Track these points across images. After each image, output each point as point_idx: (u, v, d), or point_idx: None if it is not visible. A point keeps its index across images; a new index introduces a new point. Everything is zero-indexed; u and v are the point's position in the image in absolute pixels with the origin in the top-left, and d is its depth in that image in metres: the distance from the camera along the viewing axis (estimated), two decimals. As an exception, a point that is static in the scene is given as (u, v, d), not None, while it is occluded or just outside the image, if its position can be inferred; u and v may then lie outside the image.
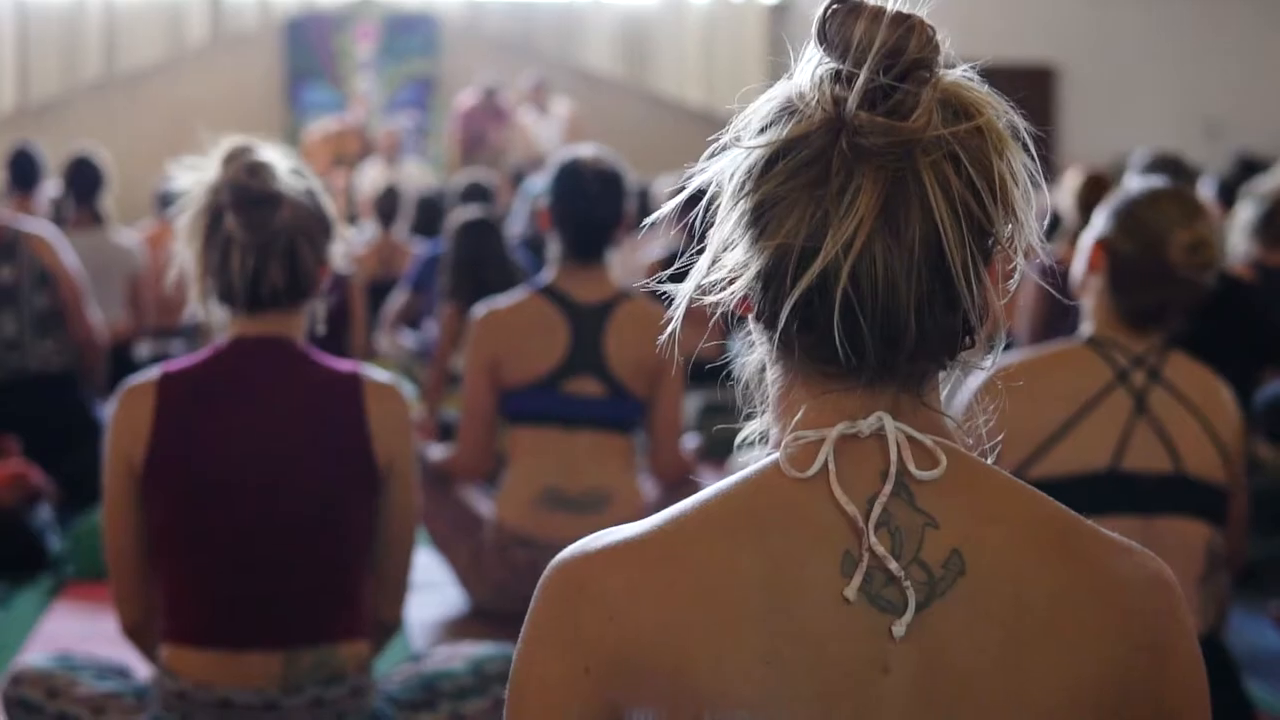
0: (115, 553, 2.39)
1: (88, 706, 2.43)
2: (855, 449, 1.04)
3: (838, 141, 1.02)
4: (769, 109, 1.06)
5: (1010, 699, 1.01)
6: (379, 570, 2.47)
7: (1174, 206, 2.50)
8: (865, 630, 1.01)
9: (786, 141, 1.03)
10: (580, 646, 1.04)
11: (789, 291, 1.03)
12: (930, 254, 1.01)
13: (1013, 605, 1.02)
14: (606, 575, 1.04)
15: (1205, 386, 2.54)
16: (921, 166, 1.01)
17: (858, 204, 1.00)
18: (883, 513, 1.02)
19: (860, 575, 1.01)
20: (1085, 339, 2.55)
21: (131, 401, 2.35)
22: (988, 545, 1.03)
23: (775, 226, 1.03)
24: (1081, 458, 2.45)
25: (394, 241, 7.78)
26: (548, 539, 3.58)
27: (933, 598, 1.01)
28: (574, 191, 3.58)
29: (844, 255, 1.00)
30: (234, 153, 2.35)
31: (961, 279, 1.02)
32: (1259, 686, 3.15)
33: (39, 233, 4.79)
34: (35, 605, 3.82)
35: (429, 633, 3.61)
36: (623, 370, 3.60)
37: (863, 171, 1.01)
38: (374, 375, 2.44)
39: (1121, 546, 1.07)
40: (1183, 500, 2.47)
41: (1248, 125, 12.62)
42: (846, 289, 1.01)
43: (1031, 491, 1.08)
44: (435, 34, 12.78)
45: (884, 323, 1.02)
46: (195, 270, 2.36)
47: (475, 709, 2.57)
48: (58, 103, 12.22)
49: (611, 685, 1.03)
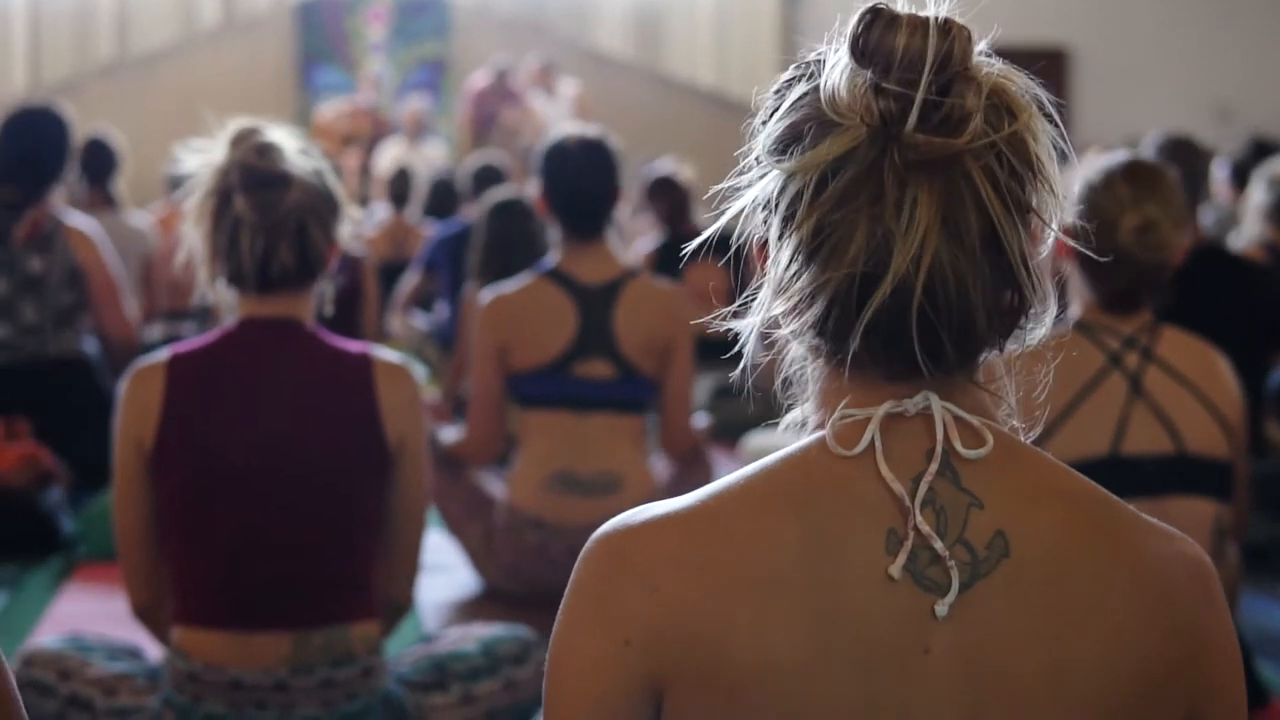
0: (125, 533, 2.40)
1: (99, 688, 2.44)
2: (901, 427, 1.04)
3: (887, 155, 1.01)
4: (799, 118, 1.04)
5: (1050, 681, 1.01)
6: (390, 550, 2.47)
7: (1127, 187, 2.45)
8: (908, 609, 1.01)
9: (834, 161, 1.02)
10: (622, 618, 1.03)
11: (859, 313, 1.02)
12: (990, 250, 1.02)
13: (1054, 588, 1.02)
14: (650, 547, 1.04)
15: (1200, 360, 2.52)
16: (972, 170, 1.01)
17: (918, 216, 1.00)
18: (928, 492, 1.02)
19: (905, 554, 1.01)
20: (1072, 324, 2.54)
21: (141, 382, 2.35)
22: (1031, 527, 1.03)
23: (840, 251, 1.02)
24: (1081, 444, 2.43)
25: (406, 223, 7.78)
26: (559, 521, 3.58)
27: (976, 579, 1.01)
28: (562, 170, 3.59)
29: (914, 270, 1.00)
30: (242, 134, 2.35)
31: (1020, 265, 1.03)
32: (1271, 668, 3.14)
33: (79, 227, 4.75)
34: (47, 587, 3.83)
35: (440, 614, 3.62)
36: (633, 350, 3.60)
37: (917, 182, 1.00)
38: (384, 355, 2.44)
39: (1161, 531, 1.08)
40: (1187, 480, 2.47)
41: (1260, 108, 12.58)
42: (923, 303, 1.01)
43: (1073, 474, 1.08)
44: (446, 16, 12.77)
45: (959, 325, 1.03)
46: (204, 252, 2.36)
47: (486, 690, 2.58)
48: (69, 85, 12.22)
49: (652, 658, 1.03)
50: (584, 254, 3.63)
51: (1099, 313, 2.52)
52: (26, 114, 4.82)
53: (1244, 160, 6.03)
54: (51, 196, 4.74)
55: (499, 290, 3.70)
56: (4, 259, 4.59)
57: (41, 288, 4.63)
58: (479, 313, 3.70)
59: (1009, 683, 1.01)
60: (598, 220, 3.63)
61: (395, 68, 12.70)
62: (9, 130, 4.72)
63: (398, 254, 7.53)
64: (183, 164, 2.36)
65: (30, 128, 4.73)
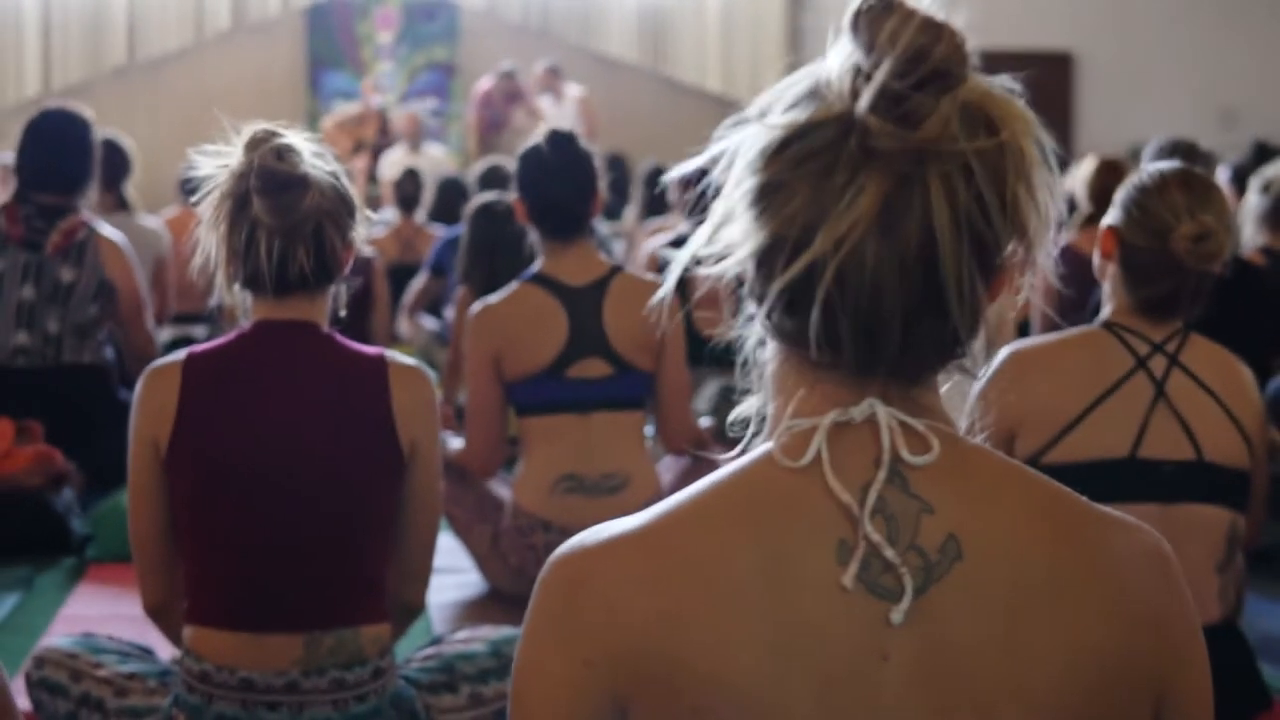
0: (138, 534, 2.41)
1: (111, 688, 2.45)
2: (848, 436, 1.04)
3: (849, 136, 1.00)
4: (797, 90, 1.05)
5: (1010, 681, 1.01)
6: (402, 553, 2.48)
7: (1181, 195, 2.46)
8: (863, 618, 1.01)
9: (802, 126, 1.01)
10: (581, 639, 1.04)
11: (777, 276, 1.02)
12: (925, 263, 0.99)
13: (1010, 587, 1.02)
14: (605, 568, 1.05)
15: (1224, 369, 2.53)
16: (931, 176, 0.99)
17: (858, 203, 0.98)
18: (878, 500, 1.02)
19: (857, 563, 1.01)
20: (1103, 324, 2.55)
21: (156, 383, 2.36)
22: (983, 529, 1.03)
23: (775, 210, 1.02)
24: (1101, 444, 2.45)
25: (415, 226, 7.77)
26: (566, 523, 3.59)
27: (930, 583, 1.01)
28: (537, 172, 3.59)
29: (833, 252, 0.99)
30: (259, 137, 2.34)
31: (954, 292, 1.00)
32: (1275, 670, 3.15)
33: (112, 238, 4.71)
34: (59, 587, 3.84)
35: (449, 616, 3.63)
36: (625, 346, 3.60)
37: (868, 172, 0.99)
38: (399, 359, 2.44)
39: (1117, 522, 1.07)
40: (1204, 487, 2.48)
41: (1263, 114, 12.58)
42: (830, 286, 1.00)
43: (1025, 471, 1.08)
44: (455, 20, 12.79)
45: (865, 324, 1.01)
46: (221, 255, 2.36)
47: (496, 691, 2.59)
48: (81, 89, 12.24)
49: (612, 677, 1.03)
50: (566, 256, 3.63)
51: (1132, 316, 2.52)
52: (49, 118, 4.77)
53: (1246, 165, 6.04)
54: (83, 201, 4.71)
55: (486, 301, 3.68)
56: (34, 266, 4.57)
57: (69, 298, 4.60)
58: (469, 324, 3.68)
59: (971, 685, 1.01)
60: (576, 221, 3.62)
61: (404, 72, 12.72)
62: (35, 136, 4.67)
63: (407, 257, 7.53)
64: (198, 167, 2.35)
65: (56, 131, 4.68)
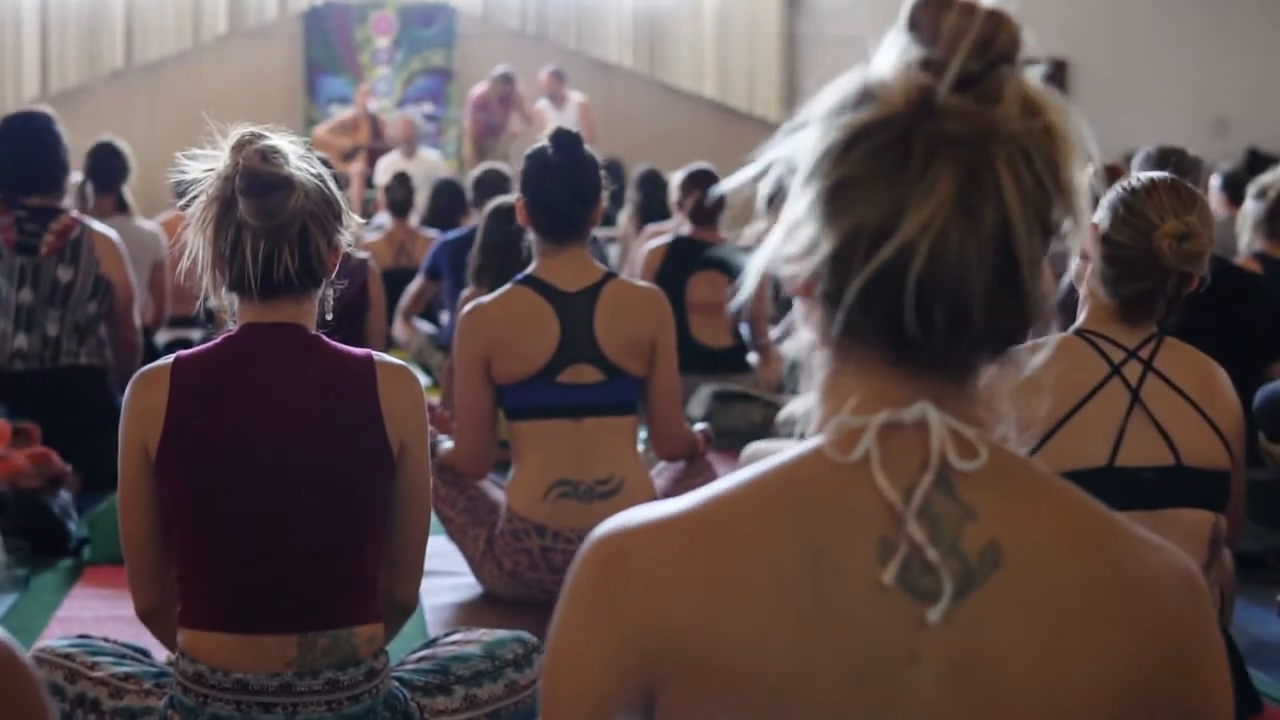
0: (130, 537, 2.41)
1: (107, 689, 2.46)
2: (898, 437, 1.05)
3: (919, 127, 1.02)
4: (846, 93, 1.06)
5: (1041, 693, 1.02)
6: (394, 552, 2.48)
7: (1167, 197, 2.49)
8: (898, 617, 1.01)
9: (867, 124, 1.03)
10: (618, 618, 1.04)
11: (859, 270, 1.03)
12: (1001, 244, 1.02)
13: (1045, 600, 1.03)
14: (647, 549, 1.05)
15: (1199, 372, 2.54)
16: (998, 159, 1.02)
17: (937, 189, 1.01)
18: (923, 501, 1.03)
19: (899, 561, 1.01)
20: (1077, 331, 2.56)
21: (146, 386, 2.36)
22: (1023, 539, 1.04)
23: (850, 207, 1.03)
24: (1079, 453, 2.45)
25: (409, 230, 7.76)
26: (560, 528, 3.60)
27: (968, 589, 1.02)
28: (538, 171, 3.58)
29: (921, 236, 1.01)
30: (244, 140, 2.35)
31: (1027, 271, 1.03)
32: (1265, 677, 3.16)
33: (105, 233, 4.73)
34: (55, 588, 3.85)
35: (444, 618, 3.63)
36: (616, 352, 3.60)
37: (942, 158, 1.01)
38: (387, 359, 2.44)
39: (1151, 543, 1.09)
40: (1184, 492, 2.48)
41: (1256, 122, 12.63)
42: (922, 271, 1.01)
43: (1067, 486, 1.09)
44: (452, 25, 12.80)
45: (954, 306, 1.03)
46: (208, 258, 2.37)
47: (489, 693, 2.60)
48: (78, 92, 12.27)
49: (646, 657, 1.04)
50: (562, 259, 3.62)
51: (1107, 322, 2.53)
52: (16, 121, 4.79)
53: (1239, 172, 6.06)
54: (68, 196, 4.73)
55: (479, 301, 3.68)
56: (30, 268, 4.58)
57: (68, 298, 4.61)
58: (459, 324, 3.67)
59: (999, 693, 1.02)
60: (572, 225, 3.61)
61: (401, 77, 12.74)
62: (7, 141, 4.68)
63: (401, 261, 7.53)
64: (186, 171, 2.36)
65: (30, 134, 4.70)
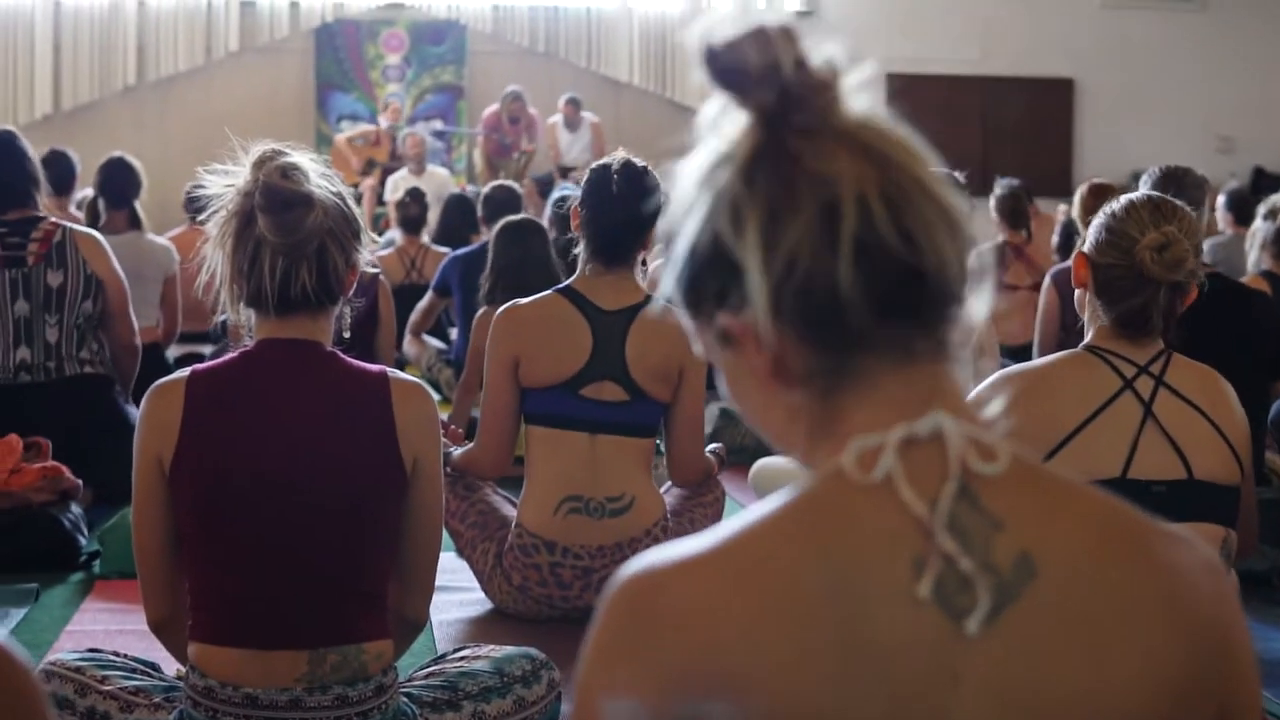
0: (143, 549, 2.42)
1: (117, 703, 2.46)
2: (914, 450, 1.03)
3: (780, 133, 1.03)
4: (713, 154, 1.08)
5: (1086, 703, 1.00)
6: (404, 568, 2.49)
7: (1146, 213, 2.53)
8: (935, 638, 0.99)
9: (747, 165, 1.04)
10: (652, 660, 1.01)
11: (834, 244, 1.01)
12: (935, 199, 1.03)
13: (1084, 606, 1.01)
14: (677, 589, 1.02)
15: (1209, 386, 2.56)
16: None
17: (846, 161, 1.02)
18: (949, 514, 1.01)
19: (932, 577, 0.99)
20: (1086, 348, 2.58)
21: (161, 400, 2.37)
22: (1056, 547, 1.02)
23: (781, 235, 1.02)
24: (1091, 465, 2.46)
25: (420, 246, 7.77)
26: (569, 543, 3.61)
27: (1005, 602, 1.00)
28: (602, 193, 3.59)
29: (870, 193, 1.00)
30: (265, 156, 2.36)
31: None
32: (1270, 695, 3.17)
33: (88, 233, 4.77)
34: (66, 602, 3.85)
35: (452, 634, 3.63)
36: (643, 375, 3.60)
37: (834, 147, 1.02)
38: (401, 375, 2.45)
39: (1176, 536, 1.08)
40: (1196, 506, 2.50)
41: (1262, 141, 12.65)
42: (884, 218, 1.00)
43: (1090, 488, 1.08)
44: (463, 43, 12.84)
45: (930, 250, 1.02)
46: (226, 273, 2.38)
47: (498, 709, 2.60)
48: (90, 108, 12.32)
49: (682, 700, 1.01)
50: (607, 278, 3.63)
51: (1112, 339, 2.56)
52: None
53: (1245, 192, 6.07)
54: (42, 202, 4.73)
55: (514, 301, 3.70)
56: (21, 280, 4.61)
57: (62, 301, 4.64)
58: (493, 322, 3.68)
59: (1044, 707, 1.00)
60: (623, 252, 3.63)
61: (412, 94, 12.77)
62: None
63: (412, 277, 7.53)
64: (205, 186, 2.37)
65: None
